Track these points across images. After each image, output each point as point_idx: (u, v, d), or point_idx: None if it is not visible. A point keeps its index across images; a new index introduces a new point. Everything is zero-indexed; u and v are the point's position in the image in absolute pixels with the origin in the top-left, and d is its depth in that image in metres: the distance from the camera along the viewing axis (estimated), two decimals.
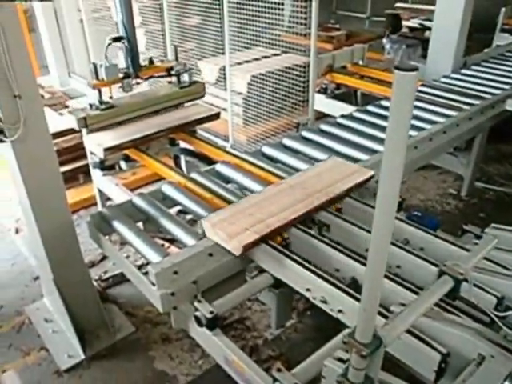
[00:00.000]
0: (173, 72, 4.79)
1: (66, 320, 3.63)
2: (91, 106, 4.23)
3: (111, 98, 4.42)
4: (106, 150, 4.03)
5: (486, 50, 6.70)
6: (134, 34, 4.52)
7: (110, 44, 4.33)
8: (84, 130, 4.24)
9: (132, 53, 4.48)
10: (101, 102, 4.25)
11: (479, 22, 6.59)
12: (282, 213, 2.87)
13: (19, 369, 3.58)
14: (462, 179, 5.64)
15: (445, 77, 5.63)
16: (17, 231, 5.21)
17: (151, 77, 4.79)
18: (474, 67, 5.92)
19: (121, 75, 4.40)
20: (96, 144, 4.05)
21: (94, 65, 4.27)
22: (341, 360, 1.92)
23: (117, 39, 4.41)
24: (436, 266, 2.33)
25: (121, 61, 4.54)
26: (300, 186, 3.19)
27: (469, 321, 2.04)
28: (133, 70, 4.52)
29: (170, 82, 4.90)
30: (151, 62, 4.80)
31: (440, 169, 5.94)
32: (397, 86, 1.12)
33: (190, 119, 4.64)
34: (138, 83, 4.71)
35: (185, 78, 4.81)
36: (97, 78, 4.26)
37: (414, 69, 1.09)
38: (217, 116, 4.83)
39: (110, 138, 4.12)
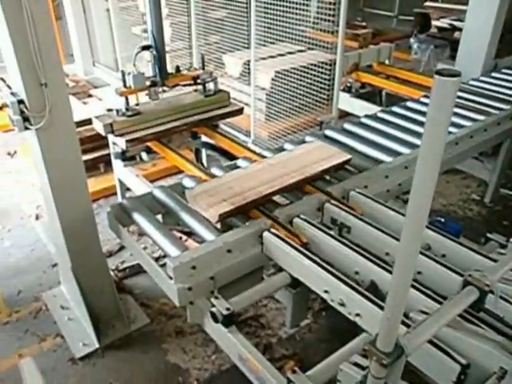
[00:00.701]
0: (199, 81, 4.81)
1: (81, 308, 3.66)
2: (118, 111, 4.25)
3: (137, 104, 4.47)
4: (128, 141, 4.04)
5: None
6: (163, 43, 4.57)
7: (138, 52, 4.38)
8: None
9: (160, 62, 4.54)
10: (127, 109, 4.29)
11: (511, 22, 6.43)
12: (258, 188, 3.12)
13: (35, 354, 3.60)
14: (486, 185, 5.53)
15: (474, 79, 5.52)
16: (37, 217, 5.26)
17: (177, 85, 4.81)
18: (504, 70, 5.79)
19: (148, 83, 4.44)
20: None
21: (123, 72, 4.32)
22: (357, 365, 1.89)
23: (146, 48, 4.48)
24: (459, 274, 2.28)
25: (148, 68, 4.65)
26: (280, 165, 3.43)
27: (492, 333, 1.99)
28: (160, 79, 4.58)
29: (195, 90, 4.92)
30: (178, 70, 4.86)
31: (463, 173, 5.83)
32: (436, 92, 1.08)
33: (213, 114, 4.65)
34: (164, 91, 4.76)
35: (210, 86, 4.83)
36: (124, 86, 4.31)
37: (457, 74, 1.04)
38: (240, 111, 4.82)
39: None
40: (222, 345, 2.62)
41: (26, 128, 2.94)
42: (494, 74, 5.66)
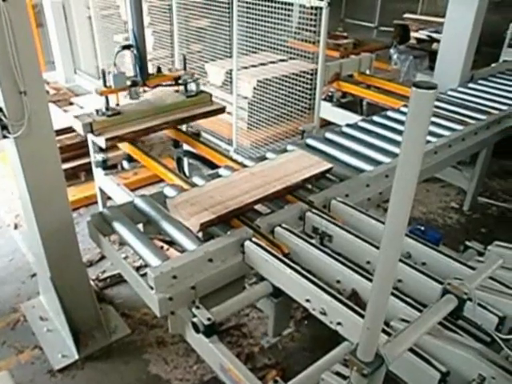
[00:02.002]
0: (180, 81, 4.81)
1: (61, 319, 3.61)
2: (97, 111, 4.22)
3: (118, 104, 4.43)
4: (107, 140, 4.01)
5: (493, 65, 6.69)
6: (144, 43, 4.55)
7: (119, 51, 4.36)
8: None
9: (141, 61, 4.54)
10: (107, 109, 4.26)
11: (487, 36, 6.58)
12: (240, 197, 3.13)
13: (12, 367, 3.53)
14: (465, 193, 5.61)
15: (452, 90, 5.61)
16: (16, 226, 5.18)
17: (158, 85, 4.81)
18: (480, 81, 5.90)
19: (129, 83, 4.43)
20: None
21: (103, 72, 4.28)
22: (339, 374, 1.90)
23: (126, 47, 4.47)
24: (439, 282, 2.31)
25: (129, 68, 4.64)
26: (261, 174, 3.45)
27: (471, 340, 2.02)
28: (141, 79, 4.58)
29: (177, 91, 4.91)
30: (159, 70, 4.86)
31: (443, 182, 5.92)
32: (414, 104, 1.09)
33: (195, 112, 4.65)
34: (145, 91, 4.75)
35: (192, 87, 4.83)
36: (105, 85, 4.28)
37: (433, 87, 1.06)
38: (222, 110, 4.81)
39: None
40: (204, 355, 2.60)
41: (5, 136, 2.89)
42: (470, 85, 5.77)
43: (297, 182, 3.36)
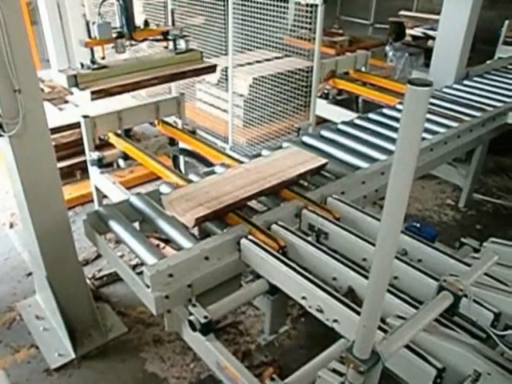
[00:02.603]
0: (169, 37, 4.65)
1: (57, 318, 3.60)
2: (82, 65, 4.09)
3: (103, 58, 4.29)
4: (93, 93, 3.90)
5: (488, 62, 6.69)
6: None
7: (104, 0, 4.19)
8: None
9: (127, 12, 4.31)
10: (92, 62, 4.12)
11: (482, 33, 6.59)
12: (234, 192, 3.14)
13: (8, 366, 3.52)
14: (461, 190, 5.64)
15: (447, 87, 5.62)
16: (11, 225, 5.16)
17: (146, 39, 4.63)
18: (476, 79, 5.91)
19: (114, 35, 4.25)
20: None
21: (87, 22, 4.12)
22: (335, 371, 1.90)
23: None
24: (435, 279, 2.31)
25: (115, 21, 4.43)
26: (256, 170, 3.46)
27: (466, 336, 2.02)
28: (127, 31, 4.36)
29: (166, 47, 4.81)
30: (146, 24, 4.65)
31: (438, 179, 5.93)
32: (409, 101, 1.09)
33: (185, 69, 4.57)
34: (132, 45, 4.56)
35: (181, 44, 4.73)
36: (89, 36, 4.12)
37: (428, 84, 1.06)
38: (213, 68, 4.71)
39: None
40: (200, 353, 2.60)
41: None
42: (466, 82, 5.77)
43: (291, 177, 3.36)
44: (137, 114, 4.60)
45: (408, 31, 9.73)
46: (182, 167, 4.86)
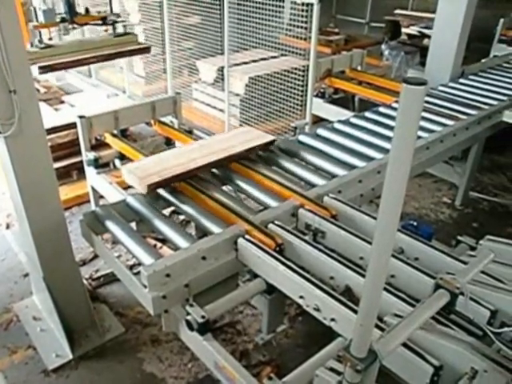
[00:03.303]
0: (108, 21, 5.68)
1: (54, 319, 3.59)
2: (31, 44, 4.87)
3: (50, 39, 5.21)
4: (40, 68, 4.69)
5: (483, 61, 6.71)
6: None
7: None
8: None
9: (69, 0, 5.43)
10: (40, 42, 4.92)
11: (477, 31, 6.61)
12: (186, 164, 3.53)
13: (5, 367, 3.52)
14: (457, 188, 5.65)
15: (442, 85, 5.63)
16: (8, 226, 5.15)
17: (87, 23, 5.77)
18: (471, 77, 5.92)
19: (58, 19, 5.26)
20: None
21: (34, 8, 5.02)
22: (333, 370, 1.91)
23: None
24: (432, 277, 2.32)
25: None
26: (209, 145, 3.87)
27: (463, 334, 2.03)
28: (69, 16, 5.38)
29: (106, 31, 5.82)
30: (87, 11, 5.77)
31: (435, 177, 5.94)
32: (404, 100, 1.10)
33: (122, 49, 5.66)
34: (74, 28, 5.60)
35: (120, 29, 5.74)
36: (37, 21, 5.01)
37: (423, 83, 1.06)
38: (147, 50, 5.86)
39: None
40: (198, 353, 2.60)
41: None
42: (461, 81, 5.79)
43: (240, 151, 3.77)
44: (133, 113, 4.59)
45: (404, 30, 9.74)
46: None
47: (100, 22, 5.68)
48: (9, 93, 2.75)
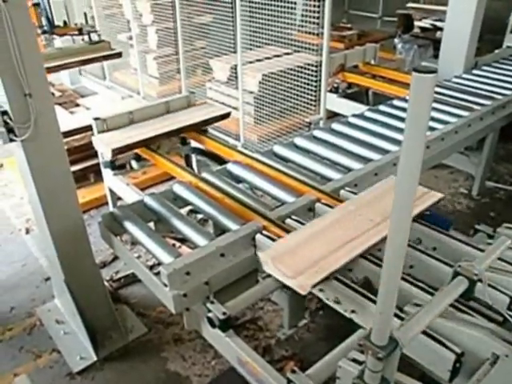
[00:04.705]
0: (83, 32, 6.69)
1: (77, 321, 3.62)
2: None
3: None
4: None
5: (496, 51, 6.64)
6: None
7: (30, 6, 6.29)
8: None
9: (47, 14, 6.76)
10: None
11: (490, 22, 6.53)
12: (148, 133, 4.23)
13: (31, 372, 3.55)
14: (473, 179, 5.61)
15: (456, 77, 5.59)
16: (27, 231, 5.23)
17: (65, 34, 7.00)
18: (484, 68, 5.88)
19: (39, 31, 6.32)
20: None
21: None
22: (355, 361, 1.91)
23: (35, 4, 6.86)
24: (450, 266, 2.31)
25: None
26: (171, 119, 4.48)
27: (483, 320, 2.02)
28: (49, 28, 6.64)
29: (83, 40, 6.86)
30: (65, 23, 7.11)
31: (451, 168, 5.89)
32: (415, 89, 1.10)
33: (95, 55, 6.53)
34: (53, 38, 6.98)
35: (95, 38, 6.64)
36: None
37: (433, 71, 1.07)
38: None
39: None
40: (221, 349, 2.61)
41: (11, 140, 2.87)
42: (475, 72, 5.74)
43: (196, 122, 4.42)
44: (147, 114, 4.62)
45: (416, 23, 9.64)
46: (194, 166, 4.88)
47: (77, 32, 6.83)
48: (24, 96, 2.76)
